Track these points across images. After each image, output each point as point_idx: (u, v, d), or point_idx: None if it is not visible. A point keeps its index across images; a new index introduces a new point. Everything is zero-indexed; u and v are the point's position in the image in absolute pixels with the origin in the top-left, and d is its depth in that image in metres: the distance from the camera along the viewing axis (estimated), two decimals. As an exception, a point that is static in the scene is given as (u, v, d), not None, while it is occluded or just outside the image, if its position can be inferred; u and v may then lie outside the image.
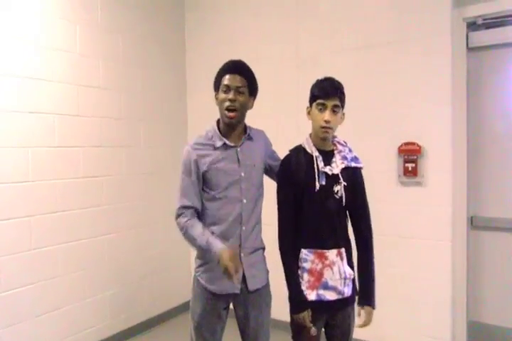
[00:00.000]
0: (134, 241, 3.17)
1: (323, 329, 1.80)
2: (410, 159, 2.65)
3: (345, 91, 1.69)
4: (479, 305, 2.68)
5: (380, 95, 2.73)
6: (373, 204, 1.78)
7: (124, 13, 3.09)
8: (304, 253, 1.69)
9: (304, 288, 1.69)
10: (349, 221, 1.78)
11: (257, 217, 1.81)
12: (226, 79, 1.69)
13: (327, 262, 1.67)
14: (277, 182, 1.79)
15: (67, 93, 2.69)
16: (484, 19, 2.54)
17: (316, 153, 1.69)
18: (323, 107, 1.65)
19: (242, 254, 1.73)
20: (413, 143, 2.63)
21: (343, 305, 1.73)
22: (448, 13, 2.50)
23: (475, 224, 2.66)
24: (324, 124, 1.64)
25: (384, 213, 2.51)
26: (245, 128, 1.80)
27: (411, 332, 2.68)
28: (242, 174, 1.73)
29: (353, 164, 1.72)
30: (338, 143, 1.76)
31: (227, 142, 1.72)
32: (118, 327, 3.06)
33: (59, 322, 2.66)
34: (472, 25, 2.59)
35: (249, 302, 1.77)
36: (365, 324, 1.74)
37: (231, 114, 1.68)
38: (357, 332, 1.80)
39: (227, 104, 1.68)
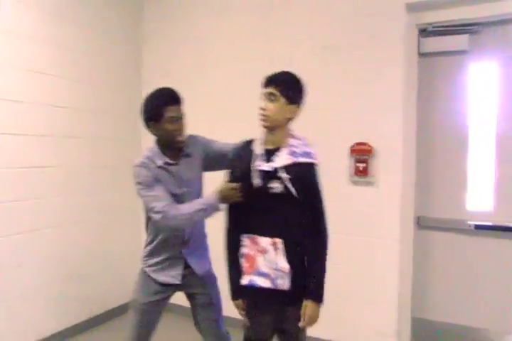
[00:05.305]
0: (79, 236, 3.01)
1: None
2: (362, 159, 2.69)
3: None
4: (423, 302, 2.75)
5: (334, 96, 2.76)
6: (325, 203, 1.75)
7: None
8: (242, 239, 1.70)
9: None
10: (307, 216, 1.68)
11: (200, 226, 1.98)
12: (171, 111, 1.79)
13: (259, 248, 1.64)
14: None
15: (9, 77, 2.52)
16: (434, 27, 2.64)
17: (258, 151, 1.67)
18: (264, 97, 1.65)
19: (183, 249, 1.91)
20: (365, 144, 2.67)
21: (281, 299, 1.65)
22: (402, 18, 2.57)
23: (421, 223, 2.74)
24: (260, 112, 1.63)
25: (334, 211, 2.51)
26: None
27: (357, 329, 2.71)
28: (185, 189, 1.85)
29: (301, 159, 1.63)
30: (293, 137, 1.69)
31: (168, 160, 1.84)
32: (61, 325, 2.90)
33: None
34: (423, 32, 2.68)
35: (204, 281, 1.96)
36: (308, 321, 1.63)
37: (182, 141, 1.85)
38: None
39: (178, 133, 1.82)
